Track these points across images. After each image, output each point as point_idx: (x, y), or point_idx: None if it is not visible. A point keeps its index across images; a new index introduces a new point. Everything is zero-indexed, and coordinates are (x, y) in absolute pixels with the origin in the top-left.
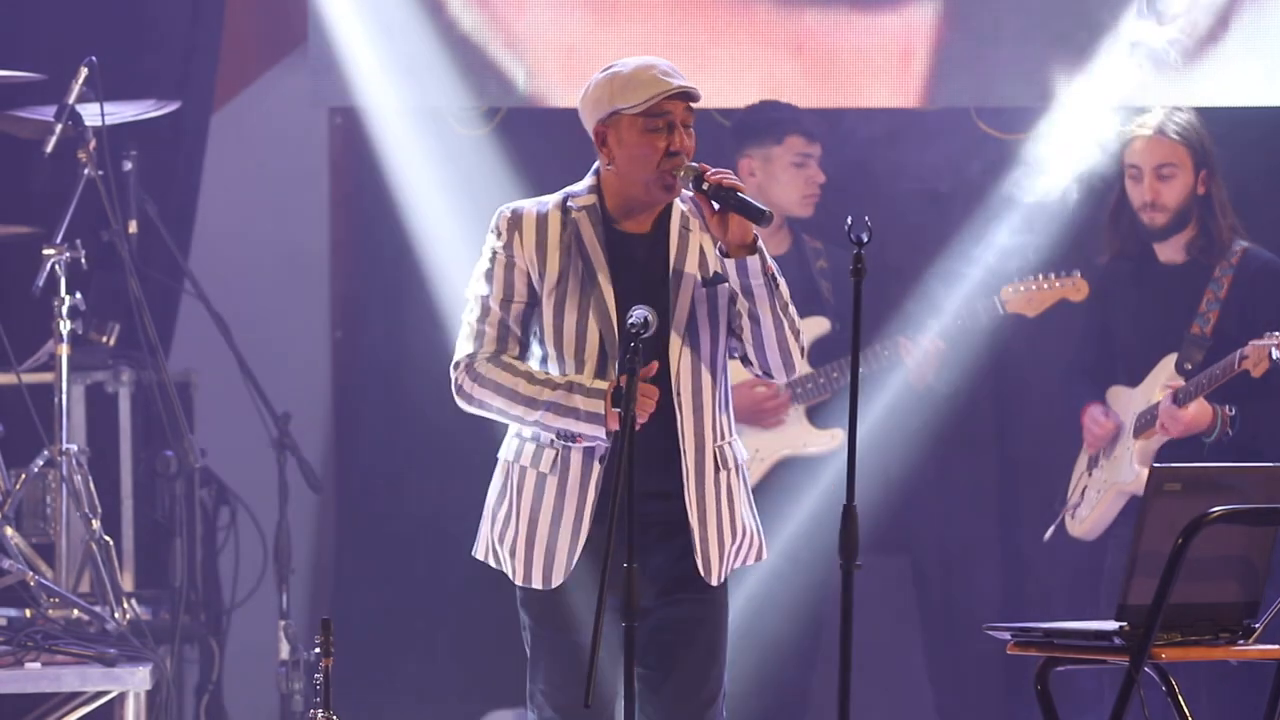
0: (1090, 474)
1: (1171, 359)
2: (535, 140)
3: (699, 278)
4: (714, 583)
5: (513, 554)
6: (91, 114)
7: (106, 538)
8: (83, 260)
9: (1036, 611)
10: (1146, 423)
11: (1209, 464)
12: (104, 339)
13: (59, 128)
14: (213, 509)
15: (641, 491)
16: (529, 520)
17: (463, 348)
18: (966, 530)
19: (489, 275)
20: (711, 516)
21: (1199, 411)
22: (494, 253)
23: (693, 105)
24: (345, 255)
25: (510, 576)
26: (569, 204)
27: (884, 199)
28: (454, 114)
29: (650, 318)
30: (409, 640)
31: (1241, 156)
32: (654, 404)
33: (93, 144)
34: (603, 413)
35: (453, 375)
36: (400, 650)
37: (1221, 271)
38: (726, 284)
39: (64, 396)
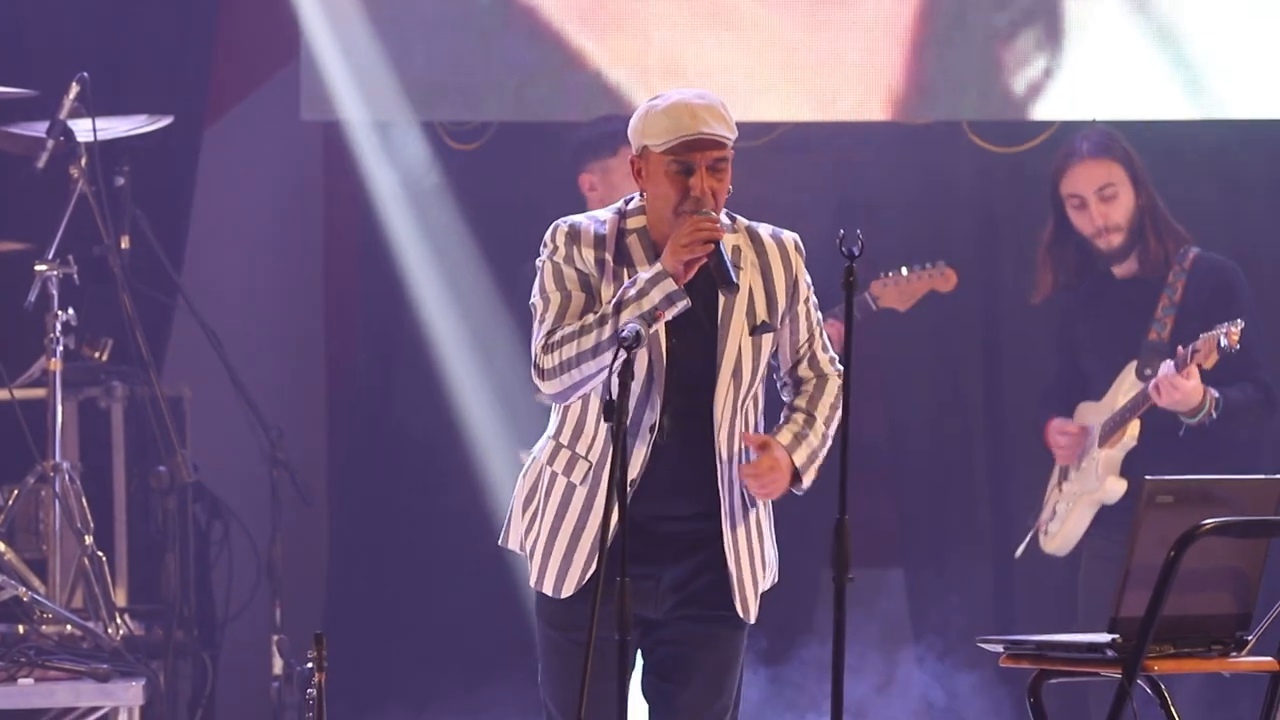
0: (1060, 489)
1: (1132, 366)
2: (528, 155)
3: (745, 319)
4: (752, 621)
5: (532, 555)
6: (84, 129)
7: (99, 553)
8: (75, 276)
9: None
10: (1111, 429)
11: (1201, 476)
12: (96, 354)
13: (51, 143)
14: (206, 524)
15: (667, 515)
16: (552, 527)
17: (535, 348)
18: (949, 547)
19: (558, 279)
20: (745, 559)
21: (1196, 386)
22: (555, 265)
23: (723, 149)
24: (338, 270)
25: (528, 576)
26: (623, 225)
27: (873, 213)
28: (447, 128)
29: (642, 332)
30: (402, 654)
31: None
32: (713, 230)
33: (85, 159)
34: (661, 267)
35: (533, 373)
36: (394, 664)
37: (1175, 277)
38: (772, 332)
39: (56, 412)
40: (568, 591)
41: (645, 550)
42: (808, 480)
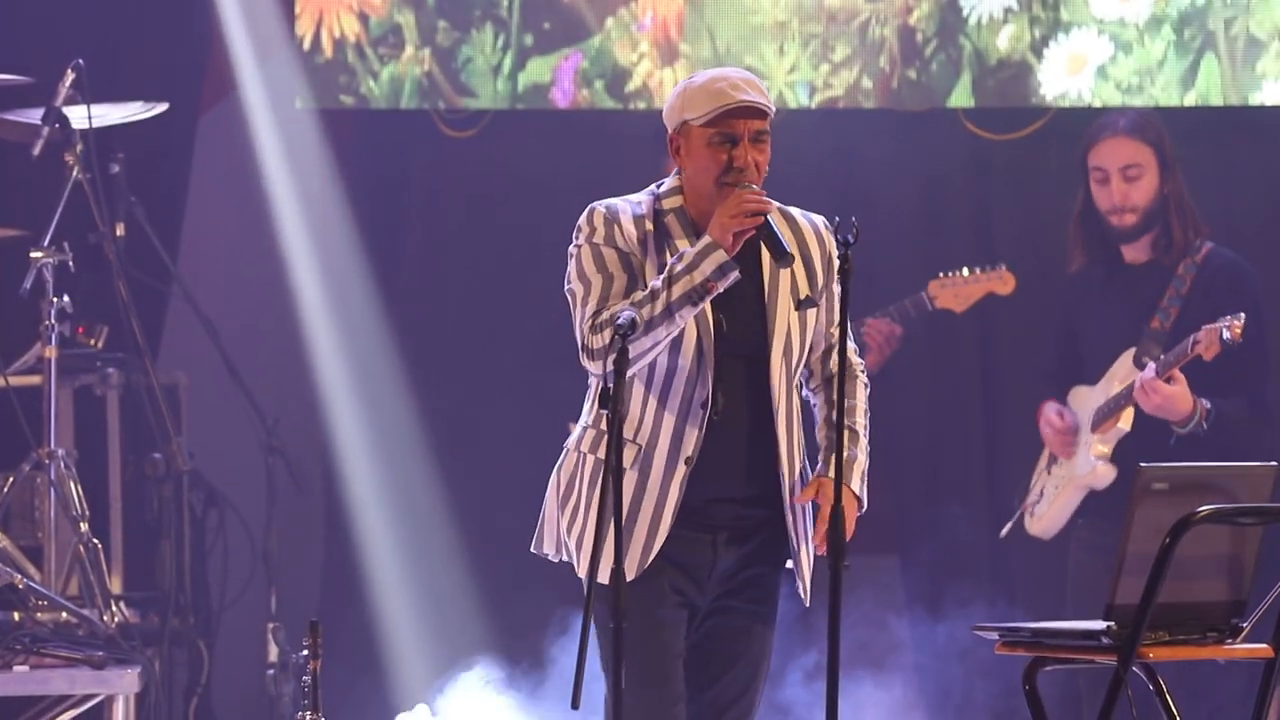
0: (1049, 471)
1: (1130, 353)
2: (522, 142)
3: (790, 295)
4: (809, 603)
5: (579, 546)
6: (79, 116)
7: (95, 540)
8: (70, 263)
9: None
10: (1104, 415)
11: (1196, 464)
12: (92, 341)
13: (46, 130)
14: (201, 511)
15: (723, 497)
16: (600, 513)
17: (582, 330)
18: (950, 526)
19: (598, 262)
20: (803, 539)
21: (1181, 393)
22: (594, 247)
23: (764, 120)
24: (334, 257)
25: (575, 569)
26: (659, 206)
27: (869, 201)
28: (442, 116)
29: (638, 319)
30: (397, 641)
31: (1205, 156)
32: (761, 203)
33: (80, 146)
34: (710, 239)
35: (583, 356)
36: (388, 652)
37: (1185, 269)
38: (815, 307)
39: (52, 399)
40: (630, 576)
41: (699, 537)
42: (864, 497)
